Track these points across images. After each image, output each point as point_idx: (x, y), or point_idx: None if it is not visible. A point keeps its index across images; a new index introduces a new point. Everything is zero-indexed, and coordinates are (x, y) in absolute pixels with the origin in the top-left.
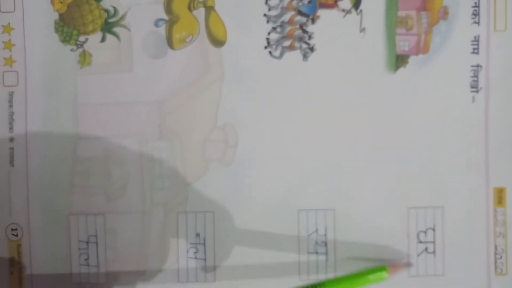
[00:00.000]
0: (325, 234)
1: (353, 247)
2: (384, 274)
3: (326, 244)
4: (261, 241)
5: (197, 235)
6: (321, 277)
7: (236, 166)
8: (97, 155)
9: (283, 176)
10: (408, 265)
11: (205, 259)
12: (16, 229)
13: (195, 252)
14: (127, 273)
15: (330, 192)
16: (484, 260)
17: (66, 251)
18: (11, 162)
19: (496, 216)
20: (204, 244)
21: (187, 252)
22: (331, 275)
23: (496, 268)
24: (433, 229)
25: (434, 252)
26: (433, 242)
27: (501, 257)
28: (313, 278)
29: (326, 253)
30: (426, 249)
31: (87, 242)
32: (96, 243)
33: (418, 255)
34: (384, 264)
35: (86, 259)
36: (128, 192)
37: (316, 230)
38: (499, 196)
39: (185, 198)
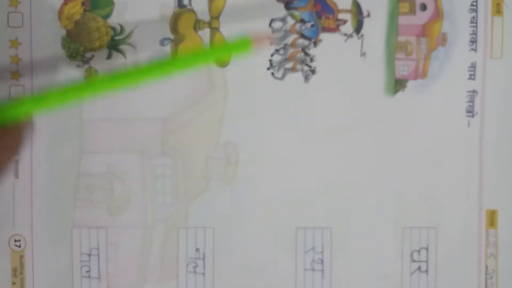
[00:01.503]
0: (322, 252)
1: (349, 264)
2: (249, 45)
3: (322, 262)
4: (259, 257)
5: (197, 250)
6: None
7: (237, 183)
8: (101, 170)
9: (281, 195)
10: (270, 38)
11: (204, 274)
12: (19, 240)
13: (195, 267)
14: (128, 286)
15: (328, 211)
16: (475, 280)
17: (68, 263)
18: (16, 175)
19: (488, 238)
20: (203, 259)
21: (187, 266)
22: None
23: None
24: (427, 249)
25: (427, 271)
26: (426, 261)
27: (491, 277)
28: None
29: (322, 270)
30: (419, 268)
31: (89, 255)
32: (98, 255)
33: (412, 273)
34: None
35: (87, 271)
36: (131, 207)
37: (313, 248)
38: (491, 218)
39: (186, 214)
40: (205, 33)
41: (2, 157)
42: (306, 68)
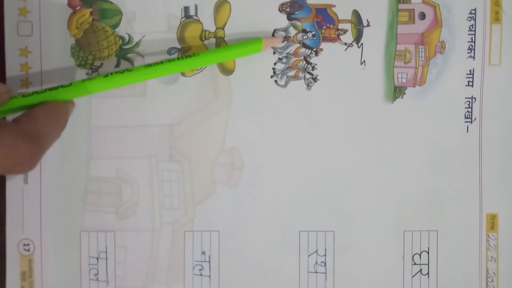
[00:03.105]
0: (325, 255)
1: (351, 267)
2: (260, 45)
3: (325, 264)
4: (264, 260)
5: (203, 253)
6: None
7: (241, 188)
8: (109, 175)
9: (285, 198)
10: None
11: (209, 276)
12: (28, 244)
13: (200, 270)
14: None
15: (330, 214)
16: (476, 283)
17: (77, 266)
18: (25, 180)
19: (488, 241)
20: (209, 262)
21: (193, 269)
22: None
23: None
24: (428, 252)
25: (428, 274)
26: (427, 264)
27: (492, 280)
28: None
29: (325, 273)
30: (420, 271)
31: (97, 258)
32: (106, 259)
33: (413, 276)
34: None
35: (95, 274)
36: (138, 211)
37: (316, 251)
38: (492, 222)
39: (192, 217)
40: (210, 43)
41: (53, 128)
42: (308, 76)
